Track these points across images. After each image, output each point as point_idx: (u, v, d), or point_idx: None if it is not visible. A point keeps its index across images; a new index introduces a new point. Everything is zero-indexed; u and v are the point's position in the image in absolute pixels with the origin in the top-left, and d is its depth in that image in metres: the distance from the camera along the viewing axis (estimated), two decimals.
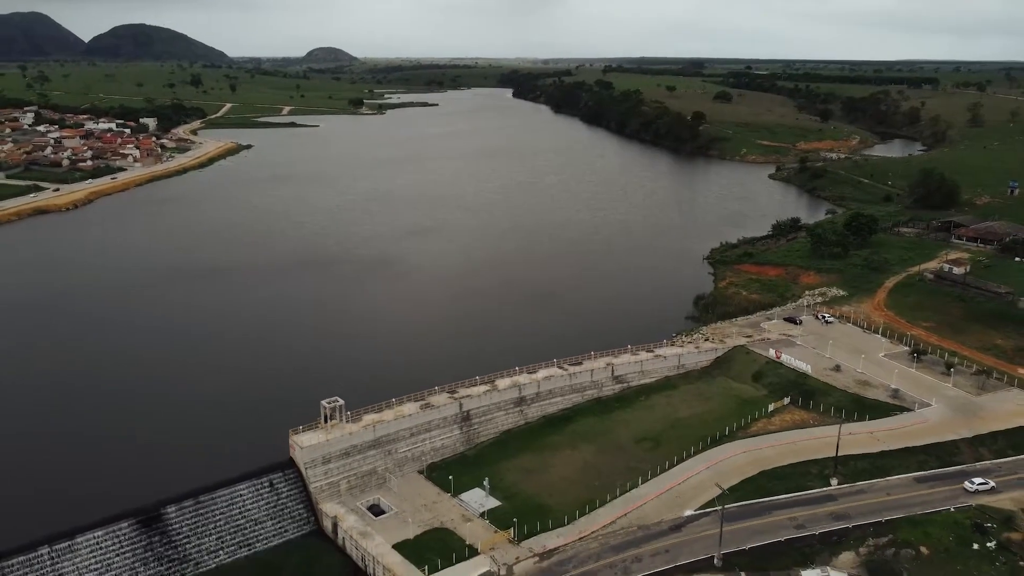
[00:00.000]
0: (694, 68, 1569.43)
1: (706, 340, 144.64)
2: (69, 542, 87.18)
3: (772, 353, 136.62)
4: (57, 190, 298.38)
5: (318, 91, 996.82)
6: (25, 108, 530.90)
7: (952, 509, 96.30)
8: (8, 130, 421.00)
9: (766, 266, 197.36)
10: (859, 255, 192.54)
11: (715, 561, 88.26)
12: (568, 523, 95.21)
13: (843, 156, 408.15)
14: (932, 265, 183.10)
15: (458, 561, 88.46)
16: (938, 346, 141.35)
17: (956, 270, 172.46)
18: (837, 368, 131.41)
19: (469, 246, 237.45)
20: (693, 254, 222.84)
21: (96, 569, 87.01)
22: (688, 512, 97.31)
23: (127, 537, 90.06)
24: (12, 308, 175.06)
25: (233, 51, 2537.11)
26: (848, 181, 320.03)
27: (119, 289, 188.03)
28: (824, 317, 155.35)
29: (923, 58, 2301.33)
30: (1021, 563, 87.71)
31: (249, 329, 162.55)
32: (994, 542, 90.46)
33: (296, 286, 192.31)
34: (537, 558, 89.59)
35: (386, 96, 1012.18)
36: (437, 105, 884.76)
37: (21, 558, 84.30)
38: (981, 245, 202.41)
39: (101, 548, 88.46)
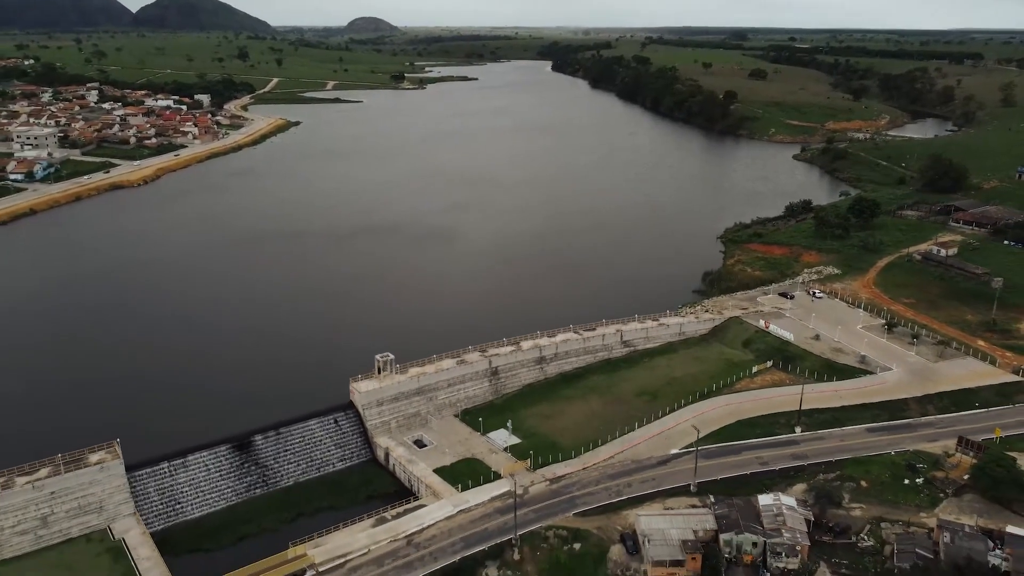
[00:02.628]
0: (737, 40, 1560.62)
1: (706, 311, 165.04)
2: (183, 459, 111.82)
3: (762, 323, 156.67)
4: (107, 172, 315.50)
5: (360, 63, 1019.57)
6: (88, 85, 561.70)
7: (893, 453, 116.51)
8: (77, 108, 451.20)
9: (773, 245, 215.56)
10: (858, 236, 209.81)
11: (691, 487, 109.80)
12: (575, 457, 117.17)
13: (868, 136, 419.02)
14: (924, 247, 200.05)
15: (485, 482, 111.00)
16: (912, 320, 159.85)
17: (943, 252, 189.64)
18: (817, 337, 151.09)
19: (503, 223, 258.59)
20: (708, 233, 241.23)
21: (203, 480, 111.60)
22: (673, 451, 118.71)
23: (226, 457, 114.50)
24: (130, 267, 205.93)
25: (275, 20, 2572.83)
26: (867, 163, 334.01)
27: (204, 253, 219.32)
28: (814, 293, 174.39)
29: (977, 27, 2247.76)
30: (941, 496, 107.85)
31: (315, 291, 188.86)
32: (922, 479, 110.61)
33: (352, 256, 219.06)
34: (548, 482, 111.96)
35: (426, 69, 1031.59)
36: (476, 79, 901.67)
37: (148, 469, 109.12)
38: (976, 228, 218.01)
39: (207, 465, 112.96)
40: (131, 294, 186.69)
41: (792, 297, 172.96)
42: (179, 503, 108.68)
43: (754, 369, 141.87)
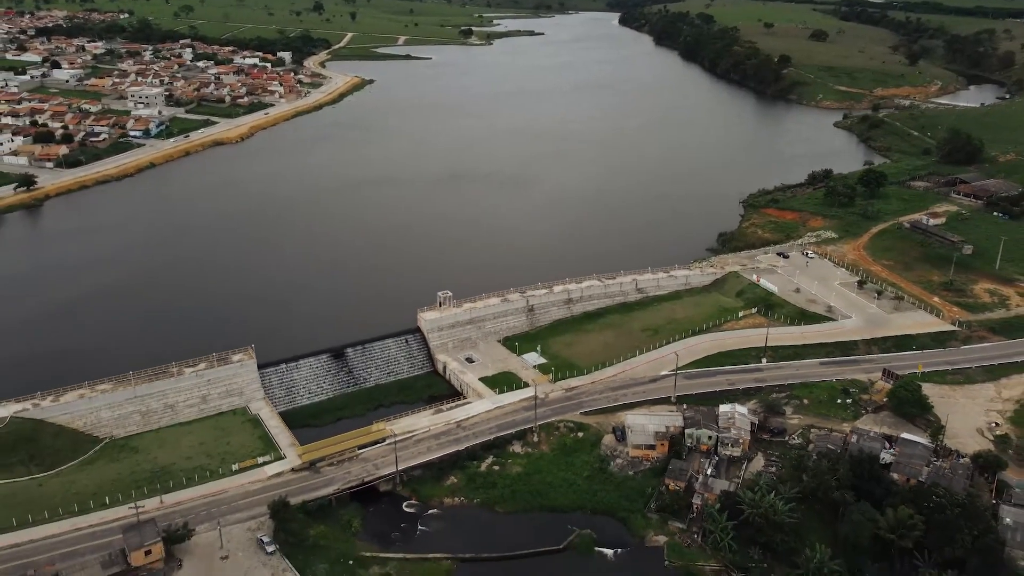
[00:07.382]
0: None
1: (711, 267, 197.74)
2: (296, 363, 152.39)
3: (754, 277, 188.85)
4: (187, 136, 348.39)
5: (430, 15, 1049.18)
6: (181, 42, 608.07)
7: (834, 380, 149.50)
8: (176, 66, 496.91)
9: (786, 211, 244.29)
10: (861, 205, 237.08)
11: (671, 399, 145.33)
12: (587, 374, 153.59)
13: (910, 104, 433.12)
14: (916, 216, 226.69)
15: (517, 389, 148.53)
16: (885, 279, 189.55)
17: (929, 221, 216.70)
18: (797, 290, 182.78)
19: (555, 178, 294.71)
20: (734, 197, 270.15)
21: (311, 378, 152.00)
22: (663, 372, 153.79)
23: (326, 364, 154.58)
24: (242, 213, 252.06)
25: None
26: (900, 132, 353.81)
27: (308, 199, 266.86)
28: (807, 254, 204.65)
29: None
30: (863, 412, 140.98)
31: (392, 236, 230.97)
32: (851, 400, 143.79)
33: (423, 205, 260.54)
34: (564, 391, 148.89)
35: (495, 22, 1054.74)
36: (542, 34, 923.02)
37: (272, 368, 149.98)
38: (973, 200, 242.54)
39: (312, 369, 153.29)
40: (252, 232, 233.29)
41: (787, 257, 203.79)
42: (294, 393, 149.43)
43: (740, 314, 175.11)
